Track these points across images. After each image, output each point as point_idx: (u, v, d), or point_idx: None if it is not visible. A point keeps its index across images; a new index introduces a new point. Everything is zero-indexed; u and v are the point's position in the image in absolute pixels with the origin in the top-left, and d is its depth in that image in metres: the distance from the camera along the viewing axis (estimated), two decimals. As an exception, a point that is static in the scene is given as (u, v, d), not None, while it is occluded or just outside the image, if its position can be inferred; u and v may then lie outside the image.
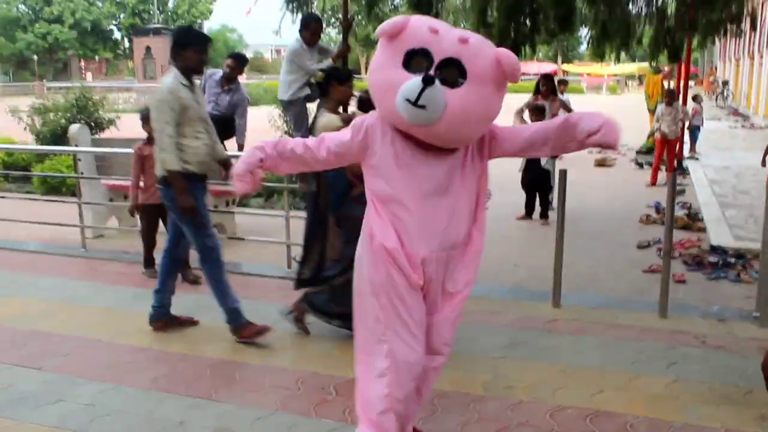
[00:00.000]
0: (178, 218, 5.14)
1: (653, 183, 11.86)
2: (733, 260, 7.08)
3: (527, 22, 7.76)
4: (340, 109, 5.13)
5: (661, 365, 4.62)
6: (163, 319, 5.36)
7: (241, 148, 8.04)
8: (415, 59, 2.98)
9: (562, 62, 62.42)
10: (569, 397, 4.15)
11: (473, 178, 3.19)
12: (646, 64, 46.51)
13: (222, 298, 5.09)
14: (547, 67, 54.12)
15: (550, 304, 5.72)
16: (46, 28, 59.62)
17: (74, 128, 8.20)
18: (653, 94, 16.24)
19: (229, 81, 8.25)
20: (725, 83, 38.21)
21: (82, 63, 65.91)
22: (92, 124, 14.78)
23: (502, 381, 4.39)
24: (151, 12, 59.48)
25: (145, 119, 6.18)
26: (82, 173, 7.92)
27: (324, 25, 8.02)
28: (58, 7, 59.19)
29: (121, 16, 61.85)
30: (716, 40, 12.29)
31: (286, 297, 5.51)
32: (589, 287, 6.45)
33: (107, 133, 15.07)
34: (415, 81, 2.91)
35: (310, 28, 7.24)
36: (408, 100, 2.92)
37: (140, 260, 6.91)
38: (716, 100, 36.36)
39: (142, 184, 6.52)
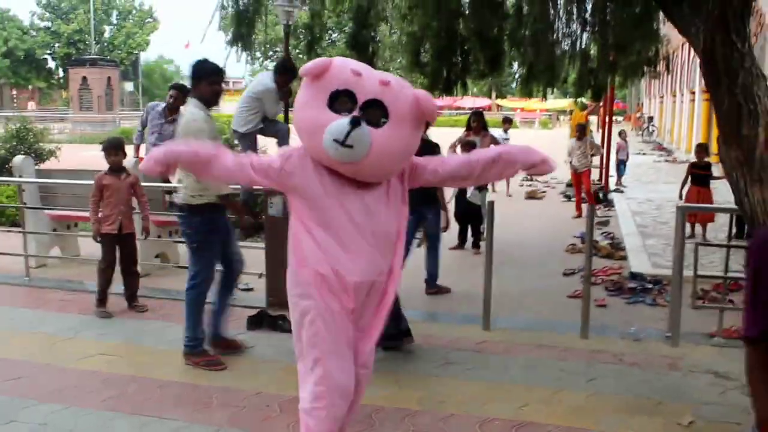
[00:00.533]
0: (189, 244, 5.32)
1: (578, 215, 12.40)
2: (650, 286, 7.58)
3: (458, 62, 8.19)
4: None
5: (581, 381, 5.01)
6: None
7: None
8: (340, 99, 3.14)
9: (496, 97, 63.79)
10: (496, 410, 4.50)
11: (397, 206, 3.36)
12: (579, 100, 47.97)
13: (193, 327, 5.31)
14: (482, 102, 55.37)
15: (480, 327, 6.09)
16: (-23, 56, 58.58)
17: (18, 159, 8.32)
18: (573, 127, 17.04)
19: (172, 111, 8.48)
20: (650, 119, 39.73)
21: (14, 92, 64.76)
22: (32, 154, 14.74)
23: (435, 396, 4.71)
24: (87, 42, 58.80)
25: (108, 149, 6.40)
26: (25, 203, 8.02)
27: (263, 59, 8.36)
28: (-9, 36, 58.28)
29: (56, 45, 61.01)
30: (637, 80, 12.96)
31: (228, 322, 5.79)
32: (517, 311, 6.84)
33: (47, 164, 15.04)
34: (342, 122, 3.07)
35: (287, 76, 7.26)
36: (336, 140, 3.07)
37: (83, 289, 7.07)
38: (642, 135, 37.74)
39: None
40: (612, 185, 15.79)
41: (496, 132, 13.49)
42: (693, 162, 10.57)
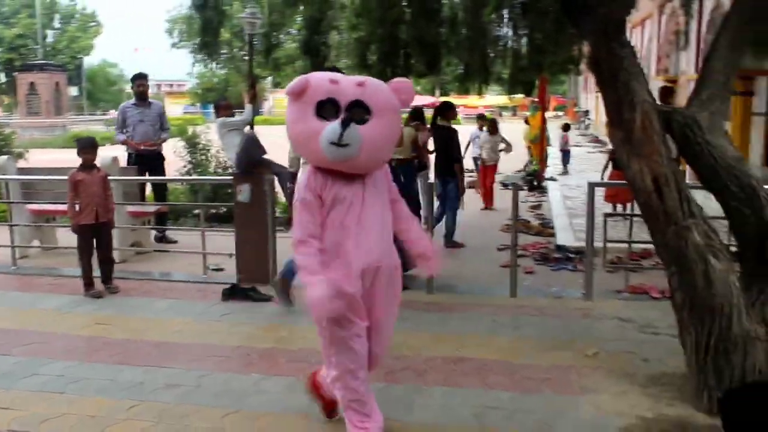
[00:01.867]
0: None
1: (486, 207, 13.19)
2: (573, 255, 8.66)
3: (400, 64, 9.15)
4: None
5: (508, 329, 6.04)
6: None
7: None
8: (325, 107, 3.51)
9: (440, 95, 65.06)
10: (439, 351, 5.49)
11: (383, 195, 3.84)
12: (518, 96, 49.38)
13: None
14: (426, 99, 56.46)
15: (425, 292, 7.06)
16: None
17: (2, 159, 9.06)
18: (534, 126, 18.16)
19: (144, 98, 9.43)
20: (586, 113, 41.32)
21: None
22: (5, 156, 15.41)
23: (392, 344, 5.66)
24: (29, 47, 58.27)
25: (84, 148, 7.18)
26: (10, 200, 8.78)
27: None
28: (-70, 42, 57.45)
29: (-2, 50, 60.42)
30: (563, 77, 14.10)
31: (205, 296, 6.73)
32: (456, 280, 7.82)
33: (21, 164, 15.69)
34: (333, 126, 3.46)
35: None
36: (333, 143, 3.47)
37: (67, 274, 7.86)
38: (579, 128, 39.26)
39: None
40: (555, 173, 17.18)
41: (470, 129, 14.52)
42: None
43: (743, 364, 4.37)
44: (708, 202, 4.93)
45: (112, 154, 8.82)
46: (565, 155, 18.94)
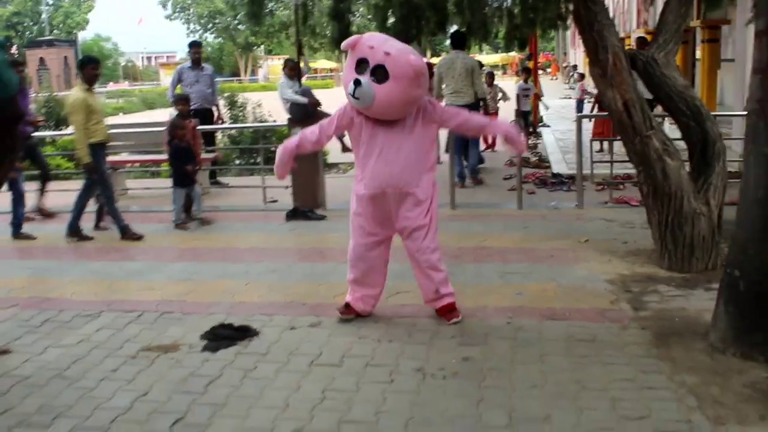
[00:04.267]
0: None
1: (486, 148, 14.61)
2: (566, 180, 10.38)
3: (415, 25, 10.77)
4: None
5: (518, 228, 7.77)
6: None
7: None
8: (360, 65, 4.61)
9: (431, 56, 66.41)
10: (466, 243, 7.20)
11: (422, 138, 4.81)
12: (509, 54, 50.84)
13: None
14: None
15: (450, 208, 8.77)
16: None
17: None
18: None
19: (198, 63, 11.05)
20: (575, 67, 42.78)
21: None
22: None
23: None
24: (25, 24, 59.49)
25: (178, 101, 8.92)
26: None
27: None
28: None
29: (-6, 27, 61.45)
30: (554, 32, 15.67)
31: (270, 220, 8.44)
32: (472, 199, 9.51)
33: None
34: (351, 82, 4.59)
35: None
36: (350, 94, 4.63)
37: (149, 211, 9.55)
38: (569, 81, 40.80)
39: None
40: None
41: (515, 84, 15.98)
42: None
43: (692, 233, 6.08)
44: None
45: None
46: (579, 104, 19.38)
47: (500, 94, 15.22)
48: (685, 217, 6.09)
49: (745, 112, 4.55)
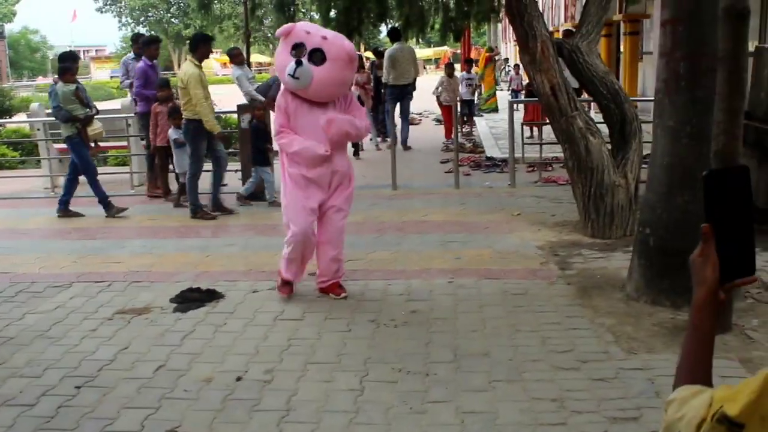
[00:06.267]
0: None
1: (449, 138, 15.36)
2: (500, 162, 11.06)
3: (356, 17, 11.32)
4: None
5: (456, 205, 8.40)
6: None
7: None
8: (297, 49, 4.92)
9: (364, 50, 66.98)
10: (409, 217, 7.79)
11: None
12: (441, 48, 51.76)
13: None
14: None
15: (391, 189, 9.34)
16: None
17: (35, 106, 10.89)
18: (480, 66, 20.21)
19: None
20: (506, 60, 43.94)
21: None
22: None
23: (373, 218, 7.92)
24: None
25: (160, 87, 9.10)
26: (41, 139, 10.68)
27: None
28: None
29: None
30: (487, 25, 16.39)
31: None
32: (412, 181, 10.11)
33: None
34: (291, 63, 4.86)
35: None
36: (289, 74, 4.87)
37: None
38: (501, 74, 41.85)
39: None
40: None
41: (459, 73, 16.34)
42: (528, 82, 14.04)
43: (612, 203, 6.77)
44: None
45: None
46: (515, 94, 19.59)
47: (463, 84, 15.36)
48: (606, 189, 6.77)
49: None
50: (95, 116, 8.62)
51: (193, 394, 4.00)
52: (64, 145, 10.92)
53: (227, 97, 11.11)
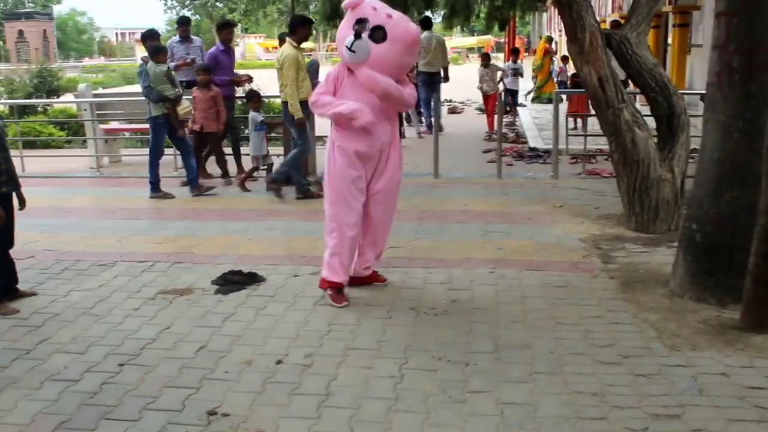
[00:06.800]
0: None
1: (491, 131, 15.15)
2: (542, 153, 10.97)
3: (402, 4, 11.26)
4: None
5: (499, 194, 8.34)
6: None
7: None
8: (360, 24, 4.71)
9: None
10: (451, 207, 7.76)
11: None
12: (485, 37, 51.44)
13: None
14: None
15: (433, 177, 9.31)
16: None
17: (82, 87, 11.05)
18: (538, 56, 19.96)
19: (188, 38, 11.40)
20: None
21: None
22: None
23: (414, 207, 7.90)
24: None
25: (200, 71, 9.12)
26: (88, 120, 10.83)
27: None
28: None
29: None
30: (533, 13, 16.22)
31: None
32: (454, 170, 10.07)
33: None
34: (351, 36, 4.73)
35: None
36: (346, 47, 4.75)
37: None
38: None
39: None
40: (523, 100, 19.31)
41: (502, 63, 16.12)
42: (574, 73, 13.88)
43: (657, 197, 6.67)
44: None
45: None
46: (562, 85, 19.24)
47: (499, 73, 14.80)
48: (651, 183, 6.67)
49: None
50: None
51: (234, 376, 4.04)
52: (110, 126, 11.13)
53: (270, 82, 11.08)
